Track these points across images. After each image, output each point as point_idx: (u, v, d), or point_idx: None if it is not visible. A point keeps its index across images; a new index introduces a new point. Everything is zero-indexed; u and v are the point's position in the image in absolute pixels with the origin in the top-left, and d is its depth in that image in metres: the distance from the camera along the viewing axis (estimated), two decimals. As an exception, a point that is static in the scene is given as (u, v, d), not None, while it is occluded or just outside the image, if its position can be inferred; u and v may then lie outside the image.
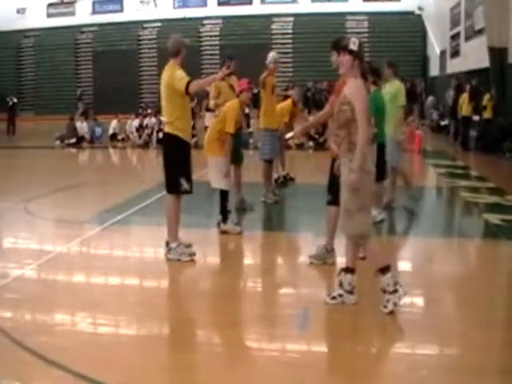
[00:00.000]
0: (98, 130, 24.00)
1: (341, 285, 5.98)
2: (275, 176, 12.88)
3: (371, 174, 5.87)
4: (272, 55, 11.32)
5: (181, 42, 7.68)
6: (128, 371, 4.79)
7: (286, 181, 13.31)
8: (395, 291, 5.74)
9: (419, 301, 6.50)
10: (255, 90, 17.50)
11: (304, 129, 7.11)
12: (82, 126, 23.84)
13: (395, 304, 5.73)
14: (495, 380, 4.72)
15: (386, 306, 5.74)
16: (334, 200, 6.91)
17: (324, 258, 7.29)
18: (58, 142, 22.94)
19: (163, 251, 7.72)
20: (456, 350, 5.29)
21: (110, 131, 23.95)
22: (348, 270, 5.97)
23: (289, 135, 7.08)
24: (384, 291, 5.77)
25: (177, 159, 7.58)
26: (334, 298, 5.97)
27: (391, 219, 9.88)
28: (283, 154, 13.30)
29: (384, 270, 5.77)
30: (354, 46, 5.72)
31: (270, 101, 11.06)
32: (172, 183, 7.61)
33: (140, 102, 35.73)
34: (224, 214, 8.92)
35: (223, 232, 8.88)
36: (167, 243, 7.67)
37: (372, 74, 8.27)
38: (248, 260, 8.39)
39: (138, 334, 5.67)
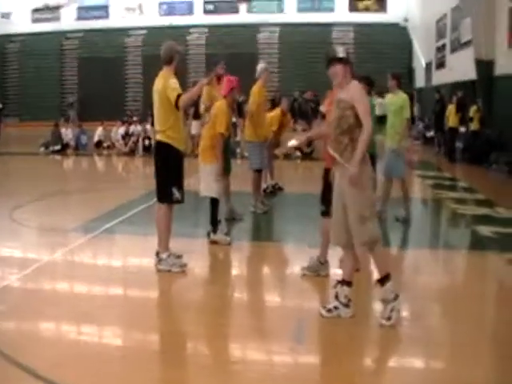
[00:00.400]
0: (84, 138, 23.75)
1: (337, 297, 5.89)
2: (264, 186, 12.82)
3: (372, 181, 5.86)
4: (262, 66, 11.30)
5: (174, 48, 7.55)
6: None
7: (275, 190, 13.21)
8: (397, 297, 5.71)
9: (415, 313, 6.37)
10: (240, 99, 17.45)
11: (308, 138, 7.02)
12: (67, 133, 23.63)
13: (398, 310, 5.70)
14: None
15: (389, 318, 5.67)
16: (328, 211, 6.84)
17: (317, 270, 7.19)
18: (42, 149, 22.65)
19: (153, 262, 7.59)
20: (452, 364, 5.18)
21: (96, 138, 23.74)
22: (344, 282, 5.88)
23: (292, 143, 6.98)
24: (385, 301, 5.71)
25: (169, 168, 7.45)
26: (329, 310, 5.87)
27: (382, 230, 9.79)
28: (272, 163, 13.24)
29: (384, 279, 5.71)
30: (342, 54, 5.79)
31: (257, 115, 10.95)
32: (164, 192, 7.48)
33: (125, 109, 35.57)
34: (214, 223, 8.81)
35: (213, 242, 8.76)
36: (157, 253, 7.53)
37: (365, 84, 8.22)
38: (240, 271, 8.25)
39: (129, 347, 5.52)
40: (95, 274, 7.66)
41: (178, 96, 7.16)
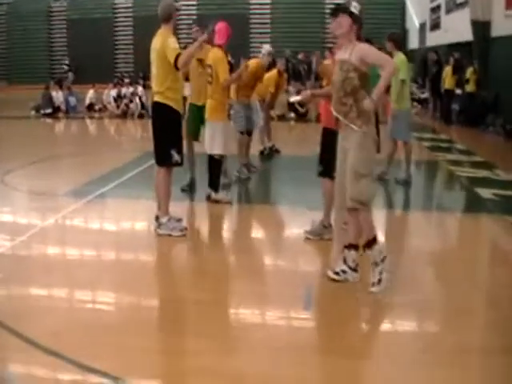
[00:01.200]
0: (72, 100, 23.30)
1: (345, 261, 5.75)
2: (261, 148, 12.75)
3: (376, 143, 5.68)
4: (268, 49, 11.34)
5: (172, 5, 7.29)
6: (122, 355, 4.52)
7: (272, 152, 13.08)
8: (384, 258, 5.54)
9: (413, 277, 6.23)
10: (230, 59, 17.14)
11: (313, 95, 6.79)
12: (58, 96, 23.21)
13: (387, 272, 5.52)
14: (497, 360, 4.51)
15: (379, 281, 5.50)
16: (326, 171, 6.70)
17: (321, 234, 7.05)
18: (33, 112, 22.33)
19: (150, 226, 7.44)
20: (449, 328, 5.02)
21: (87, 101, 23.42)
22: (351, 246, 5.74)
23: (295, 98, 6.75)
24: (374, 264, 5.54)
25: (167, 130, 7.23)
26: (337, 273, 5.74)
27: (384, 192, 9.71)
28: (269, 125, 13.08)
29: (371, 242, 5.55)
30: (354, 10, 5.53)
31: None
32: (163, 155, 7.27)
33: (116, 71, 35.08)
34: (216, 183, 8.70)
35: (215, 201, 8.68)
36: (157, 218, 7.37)
37: None
38: (240, 235, 8.02)
39: (127, 314, 5.36)
40: (91, 239, 7.45)
41: (177, 56, 6.93)
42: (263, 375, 4.25)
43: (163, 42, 7.02)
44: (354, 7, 5.54)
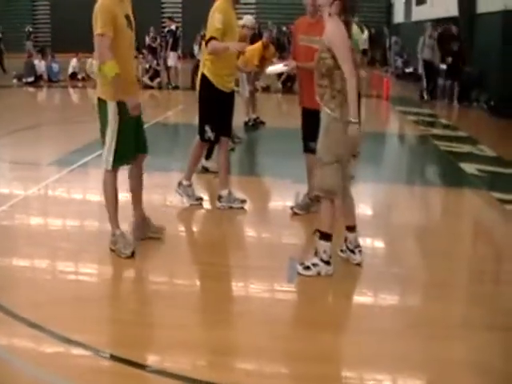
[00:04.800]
0: (55, 66, 23.04)
1: (316, 253, 5.47)
2: (245, 119, 12.71)
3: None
4: (251, 20, 11.10)
5: None
6: (104, 329, 4.53)
7: (256, 124, 13.05)
8: (327, 263, 5.36)
9: (399, 251, 6.29)
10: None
11: (299, 66, 6.67)
12: (40, 65, 22.93)
13: (319, 273, 5.33)
14: (478, 335, 4.53)
15: (307, 268, 5.36)
16: (308, 147, 6.64)
17: (307, 208, 7.04)
18: (15, 81, 22.09)
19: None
20: (431, 302, 5.00)
21: (70, 70, 23.15)
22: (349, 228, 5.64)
23: (273, 68, 6.64)
24: (316, 253, 5.39)
25: (204, 104, 7.08)
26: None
27: (369, 165, 9.72)
28: (254, 96, 13.05)
29: (323, 236, 5.35)
30: None
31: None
32: (199, 128, 7.17)
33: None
34: (208, 151, 8.67)
35: (203, 169, 8.71)
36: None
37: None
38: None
39: (112, 288, 5.36)
40: (74, 209, 7.37)
41: (212, 38, 6.65)
42: (246, 348, 4.26)
43: (212, 13, 6.73)
44: None
